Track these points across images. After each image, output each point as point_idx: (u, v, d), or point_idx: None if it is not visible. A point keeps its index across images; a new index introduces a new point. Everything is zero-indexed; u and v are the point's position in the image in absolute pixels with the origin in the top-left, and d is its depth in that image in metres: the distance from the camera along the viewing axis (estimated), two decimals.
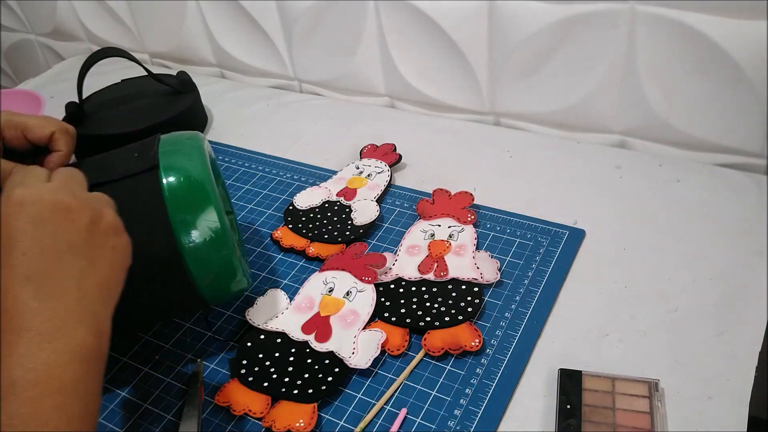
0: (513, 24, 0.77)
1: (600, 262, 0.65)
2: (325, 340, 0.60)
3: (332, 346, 0.59)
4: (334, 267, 0.67)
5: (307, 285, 0.66)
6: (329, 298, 0.64)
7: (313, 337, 0.60)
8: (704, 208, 0.69)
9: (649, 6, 0.69)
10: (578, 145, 0.82)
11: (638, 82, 0.75)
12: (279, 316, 0.63)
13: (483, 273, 0.64)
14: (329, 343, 0.60)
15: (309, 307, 0.64)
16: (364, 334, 0.60)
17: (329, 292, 0.64)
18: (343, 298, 0.64)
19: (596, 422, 0.50)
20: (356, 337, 0.60)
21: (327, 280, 0.66)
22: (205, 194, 0.54)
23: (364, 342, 0.59)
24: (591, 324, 0.59)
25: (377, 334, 0.59)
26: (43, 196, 0.40)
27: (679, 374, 0.54)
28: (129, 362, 0.62)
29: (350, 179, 0.80)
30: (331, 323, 0.61)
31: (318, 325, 0.61)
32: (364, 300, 0.63)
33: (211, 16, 1.03)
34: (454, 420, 0.53)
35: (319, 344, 0.60)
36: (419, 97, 0.92)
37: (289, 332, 0.61)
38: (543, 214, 0.71)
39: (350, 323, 0.61)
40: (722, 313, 0.58)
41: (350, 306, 0.63)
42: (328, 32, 0.93)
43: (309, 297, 0.65)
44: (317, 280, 0.66)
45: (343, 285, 0.65)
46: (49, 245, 0.38)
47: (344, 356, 0.58)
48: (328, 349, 0.59)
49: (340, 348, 0.59)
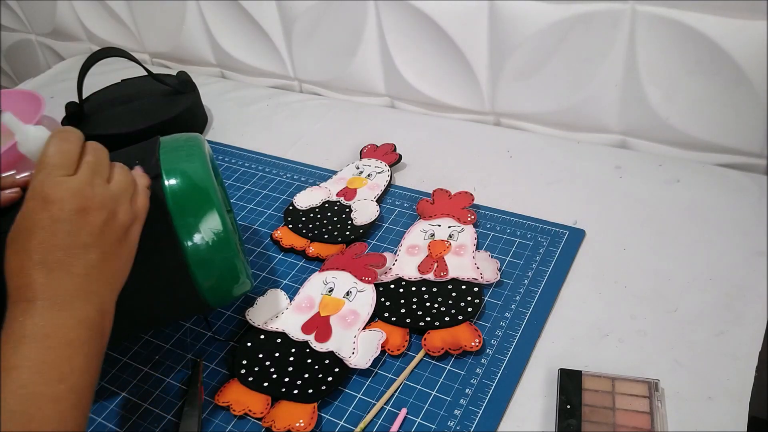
0: (513, 24, 0.77)
1: (600, 262, 0.65)
2: (325, 340, 0.60)
3: (332, 346, 0.59)
4: (334, 267, 0.67)
5: (307, 285, 0.66)
6: (329, 298, 0.64)
7: (313, 337, 0.60)
8: (704, 208, 0.69)
9: (649, 6, 0.69)
10: (578, 145, 0.82)
11: (638, 82, 0.75)
12: (279, 316, 0.63)
13: (483, 273, 0.64)
14: (329, 343, 0.59)
15: (309, 307, 0.63)
16: (364, 334, 0.60)
17: (329, 292, 0.64)
18: (343, 298, 0.63)
19: (596, 422, 0.50)
20: (356, 337, 0.60)
21: (327, 280, 0.66)
22: (208, 199, 0.54)
23: (364, 342, 0.59)
24: (591, 324, 0.59)
25: (377, 334, 0.59)
26: (65, 197, 0.43)
27: (679, 374, 0.54)
28: (129, 362, 0.63)
29: (350, 179, 0.80)
30: (331, 323, 0.61)
31: (318, 325, 0.61)
32: (364, 300, 0.63)
33: (211, 16, 1.03)
34: (454, 420, 0.53)
35: (319, 344, 0.60)
36: (419, 97, 0.92)
37: (289, 332, 0.61)
38: (543, 214, 0.71)
39: (350, 323, 0.61)
40: (722, 313, 0.58)
41: (350, 306, 0.62)
42: (328, 32, 0.93)
43: (309, 297, 0.64)
44: (317, 280, 0.66)
45: (343, 285, 0.65)
46: (63, 240, 0.43)
47: (344, 356, 0.58)
48: (328, 349, 0.59)
49: (340, 348, 0.59)
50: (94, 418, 0.58)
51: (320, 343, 0.60)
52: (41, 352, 0.40)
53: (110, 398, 0.59)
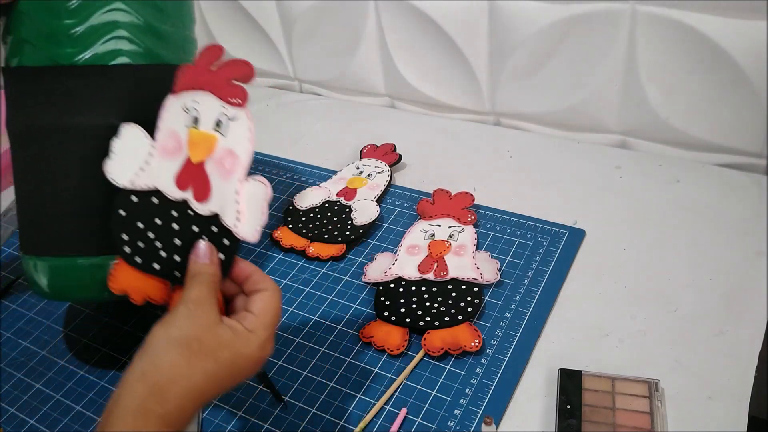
0: (513, 24, 0.77)
1: (600, 262, 0.65)
2: (205, 198, 0.47)
3: (215, 205, 0.47)
4: (189, 86, 0.50)
5: (165, 116, 0.51)
6: (197, 132, 0.49)
7: (192, 194, 0.48)
8: (704, 208, 0.69)
9: (649, 6, 0.69)
10: (578, 145, 0.82)
11: (638, 82, 0.75)
12: (145, 168, 0.50)
13: (483, 273, 0.64)
14: (211, 202, 0.47)
15: (176, 148, 0.49)
16: (247, 188, 0.47)
17: (195, 124, 0.49)
18: (213, 131, 0.48)
19: (596, 422, 0.50)
20: (239, 194, 0.46)
21: (187, 107, 0.49)
22: None
23: (250, 201, 0.47)
24: (591, 324, 0.59)
25: (261, 188, 0.46)
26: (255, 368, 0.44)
27: (679, 374, 0.54)
28: (129, 362, 0.62)
29: (350, 179, 0.80)
30: (208, 171, 0.48)
31: (193, 177, 0.48)
32: (240, 133, 0.47)
33: (211, 16, 1.03)
34: (454, 420, 0.53)
35: (200, 204, 0.48)
36: (419, 97, 0.92)
37: (163, 189, 0.49)
38: (543, 214, 0.71)
39: (229, 170, 0.47)
40: (722, 313, 0.58)
41: (225, 143, 0.48)
42: (328, 32, 0.93)
43: (172, 132, 0.50)
44: (175, 108, 0.50)
45: (209, 112, 0.48)
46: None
47: (229, 223, 0.47)
48: (212, 211, 0.47)
49: (223, 208, 0.47)
50: (94, 418, 0.58)
51: (201, 203, 0.48)
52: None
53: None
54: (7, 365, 0.64)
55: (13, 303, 0.71)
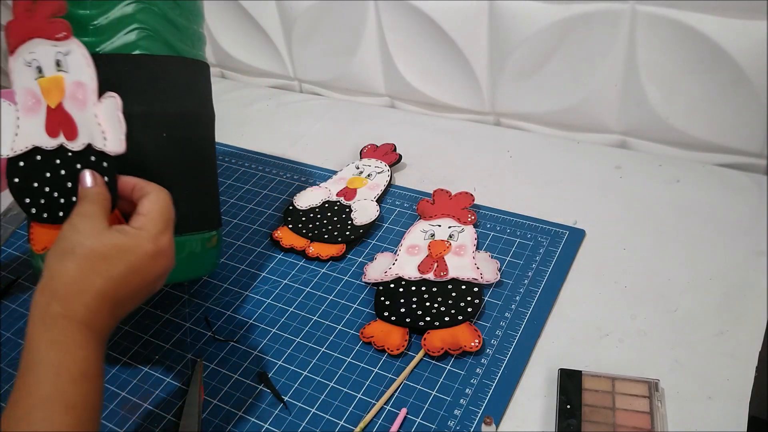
0: (513, 24, 0.77)
1: (600, 262, 0.65)
2: (75, 134, 0.51)
3: (84, 137, 0.51)
4: (19, 41, 0.53)
5: (14, 78, 0.54)
6: (44, 79, 0.52)
7: (63, 137, 0.52)
8: (704, 208, 0.69)
9: (649, 6, 0.69)
10: (578, 145, 0.82)
11: (638, 82, 0.75)
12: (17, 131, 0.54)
13: (483, 273, 0.64)
14: (81, 135, 0.51)
15: (36, 102, 0.53)
16: (99, 107, 0.51)
17: (40, 74, 0.53)
18: (57, 72, 0.52)
19: (596, 422, 0.50)
20: (98, 116, 0.50)
21: (28, 61, 0.53)
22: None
23: (106, 117, 0.50)
24: (591, 324, 0.59)
25: (111, 101, 0.50)
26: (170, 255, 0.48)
27: (679, 374, 0.54)
28: (129, 362, 0.63)
29: (350, 179, 0.80)
30: (68, 110, 0.51)
31: (58, 120, 0.52)
32: (78, 62, 0.51)
33: (211, 16, 1.03)
34: (454, 420, 0.53)
35: (73, 142, 0.52)
36: (419, 97, 0.92)
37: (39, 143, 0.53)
38: (543, 214, 0.71)
39: (83, 99, 0.51)
40: (722, 313, 0.58)
41: (71, 78, 0.52)
42: (328, 32, 0.93)
43: (27, 90, 0.53)
44: (19, 67, 0.54)
45: (46, 58, 0.52)
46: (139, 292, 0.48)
47: (99, 146, 0.50)
48: (84, 144, 0.51)
49: (92, 136, 0.51)
50: None
51: (74, 141, 0.51)
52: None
53: (110, 398, 0.59)
54: (7, 365, 0.64)
55: (13, 303, 0.71)
